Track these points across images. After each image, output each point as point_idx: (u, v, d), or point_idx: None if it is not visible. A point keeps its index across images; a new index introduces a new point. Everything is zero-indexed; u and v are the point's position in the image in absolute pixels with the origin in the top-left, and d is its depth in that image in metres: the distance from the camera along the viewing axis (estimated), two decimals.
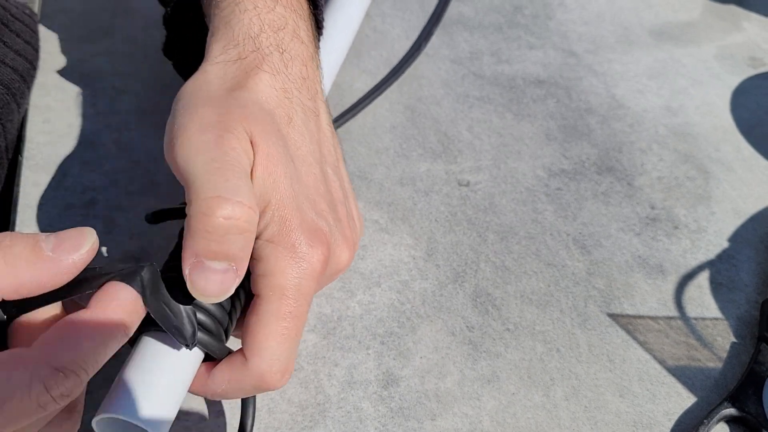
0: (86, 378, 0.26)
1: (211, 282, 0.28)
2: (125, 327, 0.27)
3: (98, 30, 0.54)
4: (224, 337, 0.32)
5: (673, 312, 0.42)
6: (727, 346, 0.41)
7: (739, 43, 0.61)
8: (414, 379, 0.38)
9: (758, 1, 0.66)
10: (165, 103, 0.50)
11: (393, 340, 0.40)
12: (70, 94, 0.50)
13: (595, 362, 0.40)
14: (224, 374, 0.31)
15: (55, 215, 0.43)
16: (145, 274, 0.28)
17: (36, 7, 0.51)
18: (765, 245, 0.46)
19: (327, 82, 0.46)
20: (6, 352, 0.25)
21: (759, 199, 0.49)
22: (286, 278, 0.31)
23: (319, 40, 0.40)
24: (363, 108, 0.51)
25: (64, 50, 0.52)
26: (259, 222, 0.31)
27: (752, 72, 0.59)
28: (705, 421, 0.37)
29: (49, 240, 0.27)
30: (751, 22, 0.63)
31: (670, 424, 0.38)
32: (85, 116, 0.48)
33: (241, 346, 0.32)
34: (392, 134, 0.50)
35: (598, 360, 0.40)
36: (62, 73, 0.51)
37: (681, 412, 0.38)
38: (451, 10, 0.61)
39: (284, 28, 0.36)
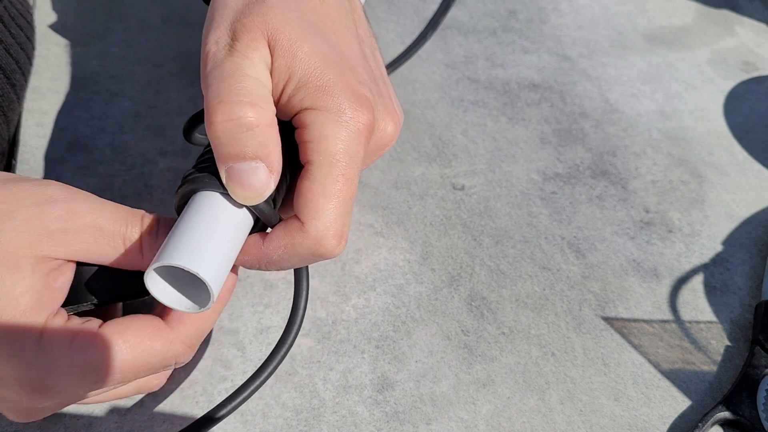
0: None
1: (244, 186, 0.29)
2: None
3: (92, 33, 0.54)
4: (274, 205, 0.32)
5: (667, 315, 0.42)
6: (722, 350, 0.41)
7: (732, 47, 0.61)
8: (409, 383, 0.38)
9: (751, 5, 0.66)
10: (159, 107, 0.50)
11: (388, 344, 0.39)
12: (64, 97, 0.49)
13: (590, 366, 0.40)
14: (280, 239, 0.31)
15: None
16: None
17: (32, 5, 0.51)
18: (758, 249, 0.46)
19: None
20: (150, 322, 0.30)
21: (752, 203, 0.49)
22: (335, 141, 0.30)
23: None
24: None
25: (58, 53, 0.52)
26: (293, 100, 0.31)
27: (745, 76, 0.59)
28: (699, 424, 0.37)
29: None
30: (744, 26, 0.64)
31: (665, 428, 0.38)
32: (80, 120, 0.48)
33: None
34: None
35: (593, 364, 0.40)
36: (56, 76, 0.51)
37: (676, 415, 0.38)
38: (446, 14, 0.61)
39: None
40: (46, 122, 0.48)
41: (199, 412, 0.35)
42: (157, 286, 0.29)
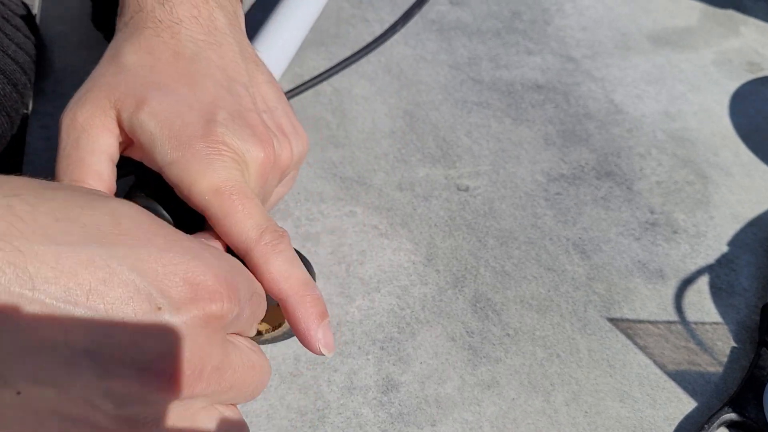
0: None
1: None
2: None
3: (96, 35, 0.54)
4: None
5: (673, 316, 0.42)
6: (728, 351, 0.41)
7: (736, 48, 0.61)
8: (414, 384, 0.38)
9: (756, 6, 0.66)
10: None
11: (393, 345, 0.39)
12: (69, 100, 0.49)
13: (595, 367, 0.40)
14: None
15: None
16: None
17: (35, 10, 0.51)
18: (764, 250, 0.46)
19: (281, 57, 0.48)
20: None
21: (758, 204, 0.49)
22: (205, 177, 0.32)
23: None
24: (344, 68, 0.55)
25: (63, 56, 0.52)
26: (152, 157, 0.33)
27: (750, 77, 0.59)
28: (705, 426, 0.37)
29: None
30: (748, 27, 0.64)
31: (671, 429, 0.37)
32: None
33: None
34: (391, 139, 0.50)
35: (599, 365, 0.40)
36: (61, 79, 0.51)
37: (681, 417, 0.38)
38: (450, 16, 0.61)
39: None
40: (50, 125, 0.48)
41: None
42: None
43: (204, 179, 0.32)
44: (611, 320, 0.42)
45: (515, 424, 0.37)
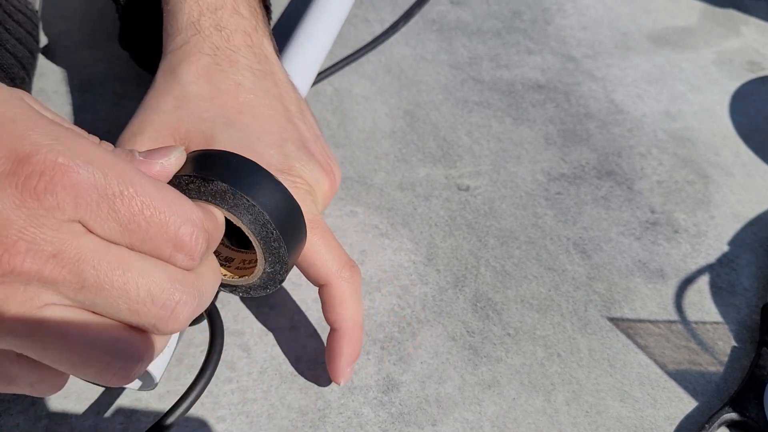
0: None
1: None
2: None
3: (98, 35, 0.55)
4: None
5: (673, 316, 0.42)
6: (728, 350, 0.41)
7: (737, 48, 0.61)
8: (414, 384, 0.38)
9: (756, 5, 0.66)
10: None
11: (393, 345, 0.39)
12: (71, 100, 0.50)
13: (595, 367, 0.40)
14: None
15: None
16: None
17: (36, 7, 0.51)
18: (765, 249, 0.46)
19: (308, 68, 0.49)
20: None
21: (758, 204, 0.49)
22: None
23: (268, 12, 0.43)
24: (344, 67, 0.55)
25: (65, 56, 0.52)
26: None
27: (751, 76, 0.59)
28: (706, 425, 0.37)
29: (140, 152, 0.28)
30: (749, 26, 0.64)
31: (671, 429, 0.37)
32: (86, 122, 0.48)
33: None
34: (392, 139, 0.50)
35: (599, 365, 0.40)
36: (62, 78, 0.51)
37: (682, 416, 0.38)
38: (450, 16, 0.61)
39: (223, 7, 0.39)
40: None
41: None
42: None
43: None
44: (612, 320, 0.42)
45: (516, 424, 0.37)
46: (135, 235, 0.24)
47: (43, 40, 0.53)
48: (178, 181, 0.27)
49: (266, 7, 0.44)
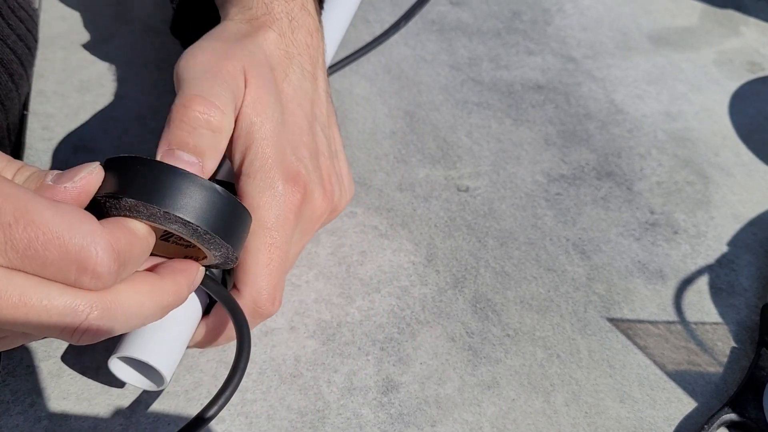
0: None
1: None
2: None
3: (97, 37, 0.55)
4: (225, 284, 0.36)
5: (673, 317, 0.42)
6: (728, 351, 0.41)
7: (737, 48, 0.61)
8: (414, 385, 0.38)
9: (756, 6, 0.66)
10: (163, 110, 0.50)
11: (393, 346, 0.39)
12: (70, 100, 0.50)
13: (595, 368, 0.40)
14: (221, 311, 0.35)
15: None
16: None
17: (36, 5, 0.51)
18: (765, 250, 0.46)
19: (329, 52, 0.49)
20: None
21: (758, 204, 0.49)
22: (267, 211, 0.34)
23: (320, 15, 0.43)
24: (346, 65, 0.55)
25: (64, 57, 0.53)
26: (244, 157, 0.34)
27: (751, 77, 0.59)
28: (705, 426, 0.37)
29: (54, 172, 0.28)
30: (749, 27, 0.64)
31: (671, 430, 0.37)
32: (85, 123, 0.48)
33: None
34: (391, 140, 0.50)
35: (599, 365, 0.40)
36: (61, 79, 0.51)
37: (681, 417, 0.38)
38: (450, 16, 0.61)
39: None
40: (51, 125, 0.48)
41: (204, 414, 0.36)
42: (120, 369, 0.33)
43: (264, 212, 0.34)
44: (611, 321, 0.42)
45: (515, 425, 0.37)
46: (34, 262, 0.25)
47: (42, 42, 0.53)
48: (96, 201, 0.28)
49: (320, 3, 0.44)
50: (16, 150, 0.46)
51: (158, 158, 0.31)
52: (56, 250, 0.25)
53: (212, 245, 0.30)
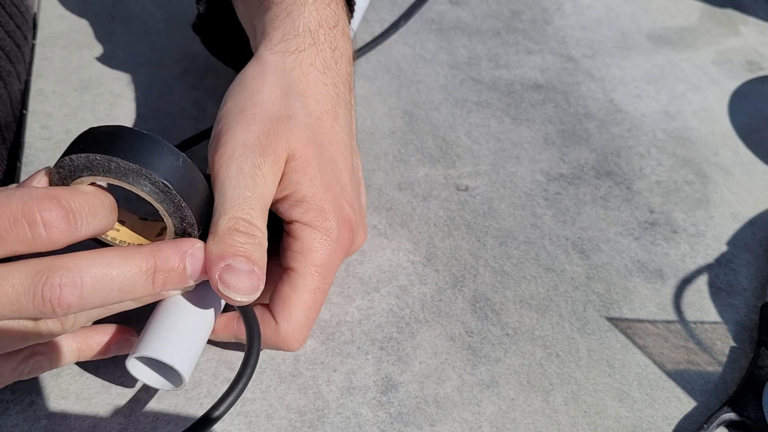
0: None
1: (242, 281, 0.31)
2: None
3: (96, 36, 0.55)
4: None
5: (672, 316, 0.42)
6: (727, 351, 0.41)
7: (736, 47, 0.61)
8: (413, 384, 0.38)
9: (756, 5, 0.66)
10: (163, 109, 0.50)
11: (392, 345, 0.39)
12: (69, 100, 0.50)
13: (594, 367, 0.40)
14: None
15: None
16: None
17: (35, 9, 0.51)
18: (764, 249, 0.46)
19: None
20: None
21: (757, 203, 0.49)
22: (321, 257, 0.34)
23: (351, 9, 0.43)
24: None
25: (63, 56, 0.52)
26: (293, 210, 0.34)
27: (750, 76, 0.59)
28: (705, 425, 0.37)
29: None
30: (748, 26, 0.64)
31: (670, 429, 0.37)
32: (84, 122, 0.48)
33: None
34: (391, 139, 0.50)
35: (598, 365, 0.40)
36: (60, 79, 0.51)
37: (681, 416, 0.38)
38: (449, 16, 0.61)
39: (337, 25, 0.39)
40: (50, 125, 0.48)
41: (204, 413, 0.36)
42: (138, 369, 0.33)
43: (318, 256, 0.34)
44: (610, 320, 0.42)
45: (514, 424, 0.37)
46: None
47: (41, 42, 0.53)
48: (55, 174, 0.30)
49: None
50: (15, 149, 0.46)
51: (215, 275, 0.31)
52: (5, 218, 0.26)
53: (170, 204, 0.30)
